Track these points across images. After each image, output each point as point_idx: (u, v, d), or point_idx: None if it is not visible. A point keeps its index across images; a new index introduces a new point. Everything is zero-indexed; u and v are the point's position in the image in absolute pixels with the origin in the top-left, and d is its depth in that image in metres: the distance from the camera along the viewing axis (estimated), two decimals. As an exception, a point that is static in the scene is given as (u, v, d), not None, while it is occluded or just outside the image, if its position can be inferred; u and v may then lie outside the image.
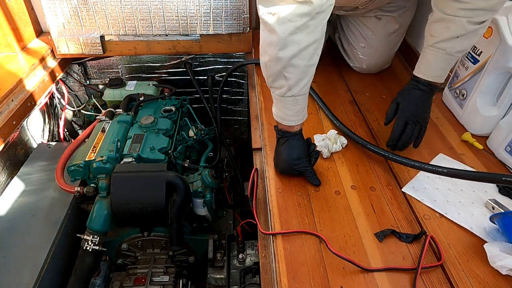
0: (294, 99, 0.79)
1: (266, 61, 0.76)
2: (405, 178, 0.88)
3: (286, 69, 0.74)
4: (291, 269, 0.68)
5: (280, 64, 0.73)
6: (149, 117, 1.29)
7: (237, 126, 1.87)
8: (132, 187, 1.04)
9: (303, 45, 0.71)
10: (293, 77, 0.75)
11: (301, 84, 0.77)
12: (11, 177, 1.28)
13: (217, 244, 1.27)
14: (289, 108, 0.81)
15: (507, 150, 0.90)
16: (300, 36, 0.70)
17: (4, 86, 1.23)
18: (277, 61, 0.73)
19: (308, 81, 0.78)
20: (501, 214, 0.71)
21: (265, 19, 0.71)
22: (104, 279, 1.19)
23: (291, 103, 0.80)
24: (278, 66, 0.74)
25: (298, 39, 0.70)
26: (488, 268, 0.67)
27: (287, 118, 0.83)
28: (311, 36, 0.71)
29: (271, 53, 0.73)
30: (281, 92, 0.79)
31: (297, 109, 0.81)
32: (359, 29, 1.25)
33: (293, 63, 0.73)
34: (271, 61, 0.75)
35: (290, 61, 0.73)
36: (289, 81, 0.76)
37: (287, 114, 0.82)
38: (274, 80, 0.78)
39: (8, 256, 1.02)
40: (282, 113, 0.83)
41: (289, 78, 0.75)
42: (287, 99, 0.79)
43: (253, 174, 0.93)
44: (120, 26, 1.42)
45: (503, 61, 0.89)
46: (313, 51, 0.74)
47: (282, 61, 0.73)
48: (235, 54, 1.61)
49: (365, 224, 0.76)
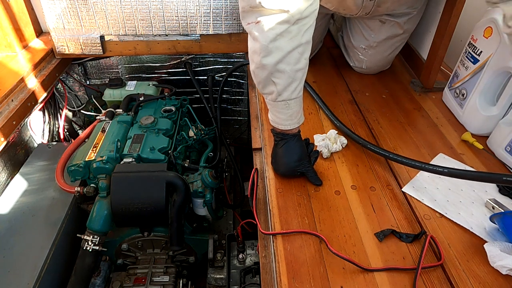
0: (286, 103, 0.80)
1: (253, 68, 0.78)
2: (405, 178, 0.88)
3: (273, 75, 0.76)
4: (291, 269, 0.68)
5: (266, 71, 0.75)
6: (149, 117, 1.29)
7: (237, 126, 1.87)
8: (132, 187, 1.04)
9: (286, 50, 0.73)
10: (281, 82, 0.76)
11: (290, 88, 0.78)
12: (11, 177, 1.28)
13: (217, 244, 1.27)
14: (282, 113, 0.82)
15: (507, 150, 0.90)
16: (282, 42, 0.72)
17: (4, 86, 1.23)
18: (262, 68, 0.75)
19: (297, 85, 0.78)
20: (501, 214, 0.71)
21: (248, 29, 0.74)
22: (104, 279, 1.19)
23: (283, 108, 0.81)
24: (265, 73, 0.76)
25: (281, 45, 0.72)
26: (488, 268, 0.67)
27: (281, 122, 0.83)
28: (294, 41, 0.73)
29: (256, 60, 0.75)
30: (272, 97, 0.80)
31: (290, 113, 0.82)
32: (362, 30, 1.25)
33: (279, 68, 0.74)
34: (258, 69, 0.77)
35: (276, 67, 0.74)
36: (278, 86, 0.77)
37: (281, 118, 0.83)
38: (264, 86, 0.79)
39: (8, 256, 1.02)
40: (276, 117, 0.83)
41: (278, 83, 0.77)
42: (279, 104, 0.80)
43: (253, 174, 0.93)
44: (120, 26, 1.42)
45: (503, 61, 0.89)
46: (298, 56, 0.75)
47: (267, 67, 0.74)
48: (235, 54, 1.61)
49: (365, 224, 0.76)
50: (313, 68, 1.36)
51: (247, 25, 0.74)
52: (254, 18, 0.72)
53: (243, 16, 0.75)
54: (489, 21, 0.93)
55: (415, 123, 1.06)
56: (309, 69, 1.33)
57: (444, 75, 1.28)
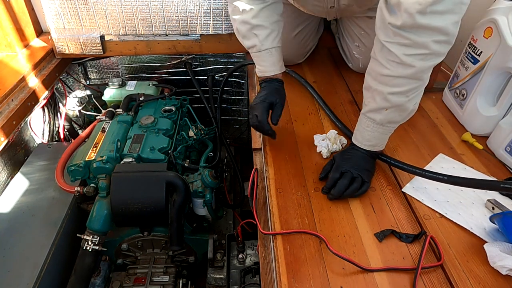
0: (268, 51, 0.96)
1: (236, 26, 0.96)
2: (405, 178, 0.88)
3: (254, 28, 0.93)
4: (291, 269, 0.68)
5: (247, 25, 0.94)
6: (149, 117, 1.29)
7: (237, 126, 1.87)
8: (132, 187, 1.04)
9: (258, 8, 0.92)
10: (262, 33, 0.94)
11: (271, 38, 0.95)
12: (11, 177, 1.28)
13: (217, 244, 1.27)
14: (266, 61, 0.97)
15: (507, 150, 0.90)
16: (251, 2, 0.91)
17: (4, 86, 1.23)
18: (243, 23, 0.94)
19: (276, 35, 0.96)
20: (501, 214, 0.71)
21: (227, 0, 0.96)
22: (104, 279, 1.19)
23: (267, 56, 0.97)
24: (246, 27, 0.94)
25: (252, 5, 0.91)
26: (488, 268, 0.67)
27: (266, 70, 0.99)
28: (263, 3, 0.92)
29: (237, 18, 0.94)
30: (257, 48, 0.96)
31: (273, 60, 0.97)
32: (353, 29, 1.26)
33: (255, 23, 0.92)
34: (240, 24, 0.95)
35: (252, 21, 0.92)
36: (259, 37, 0.94)
37: (266, 66, 0.98)
38: (248, 39, 0.96)
39: (8, 256, 1.02)
40: (262, 66, 0.99)
41: (259, 34, 0.94)
42: (263, 53, 0.97)
43: (253, 174, 0.93)
44: (120, 26, 1.42)
45: (503, 61, 0.89)
46: (268, 12, 0.93)
47: (247, 22, 0.93)
48: (235, 54, 1.61)
49: (365, 224, 0.76)
50: (313, 68, 1.36)
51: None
52: None
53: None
54: (489, 21, 0.93)
55: (415, 123, 1.06)
56: (309, 69, 1.35)
57: (444, 75, 1.28)
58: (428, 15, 0.63)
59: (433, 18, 0.63)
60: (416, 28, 0.65)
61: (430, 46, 0.67)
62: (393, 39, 0.70)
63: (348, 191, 0.80)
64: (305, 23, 1.27)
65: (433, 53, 0.68)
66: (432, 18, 0.64)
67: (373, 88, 0.78)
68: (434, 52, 0.68)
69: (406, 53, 0.69)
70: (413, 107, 0.77)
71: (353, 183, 0.80)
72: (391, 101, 0.75)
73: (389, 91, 0.74)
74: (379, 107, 0.78)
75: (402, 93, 0.74)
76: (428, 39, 0.66)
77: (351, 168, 0.82)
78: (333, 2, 1.07)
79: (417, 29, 0.66)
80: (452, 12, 0.64)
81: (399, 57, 0.69)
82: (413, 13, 0.63)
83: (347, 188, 0.80)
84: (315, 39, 1.40)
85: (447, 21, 0.64)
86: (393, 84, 0.73)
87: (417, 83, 0.73)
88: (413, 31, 0.66)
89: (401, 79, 0.72)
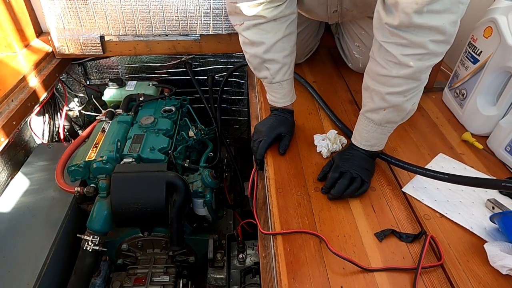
0: (279, 85, 0.96)
1: (247, 57, 0.95)
2: (405, 177, 0.88)
3: (266, 62, 0.92)
4: (291, 269, 0.68)
5: (258, 59, 0.92)
6: (149, 117, 1.29)
7: (237, 126, 1.87)
8: (132, 187, 1.04)
9: (270, 43, 0.89)
10: (273, 67, 0.92)
11: (282, 72, 0.94)
12: (11, 177, 1.28)
13: (217, 244, 1.27)
14: (277, 92, 0.98)
15: (507, 149, 0.90)
16: (262, 37, 0.88)
17: (4, 86, 1.23)
18: (255, 57, 0.92)
19: (288, 68, 0.94)
20: (501, 214, 0.71)
21: (235, 27, 0.92)
22: (104, 279, 1.19)
23: (278, 88, 0.97)
24: (257, 60, 0.92)
25: (263, 39, 0.88)
26: (488, 268, 0.67)
27: (277, 100, 1.00)
28: (275, 36, 0.89)
29: (248, 51, 0.93)
30: (268, 80, 0.96)
31: (284, 92, 0.98)
32: (354, 29, 1.26)
33: (267, 57, 0.90)
34: (251, 57, 0.93)
35: (264, 56, 0.90)
36: (270, 71, 0.93)
37: (277, 97, 0.99)
38: (259, 71, 0.96)
39: (8, 256, 1.02)
40: (273, 96, 1.00)
41: (270, 68, 0.93)
42: (274, 85, 0.97)
43: (253, 174, 0.93)
44: (120, 26, 1.42)
45: (503, 61, 0.89)
46: (282, 46, 0.90)
47: (258, 56, 0.91)
48: (235, 54, 1.61)
49: (365, 224, 0.76)
50: (313, 68, 1.36)
51: (234, 26, 0.92)
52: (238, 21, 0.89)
53: (230, 18, 0.92)
54: (489, 21, 0.93)
55: (415, 123, 1.06)
56: (309, 69, 1.35)
57: (444, 75, 1.28)
58: (425, 15, 0.63)
59: (430, 17, 0.63)
60: (413, 27, 0.65)
61: (428, 45, 0.67)
62: (390, 39, 0.70)
63: (348, 191, 0.80)
64: (306, 23, 1.27)
65: (431, 53, 0.68)
66: (429, 18, 0.63)
67: (371, 88, 0.78)
68: (431, 52, 0.68)
69: (404, 53, 0.69)
70: (411, 108, 0.77)
71: (353, 183, 0.81)
72: (389, 101, 0.75)
73: (387, 91, 0.74)
74: (377, 107, 0.78)
75: (400, 93, 0.74)
76: (425, 39, 0.66)
77: (350, 168, 0.82)
78: (336, 6, 1.07)
79: (414, 29, 0.65)
80: (450, 11, 0.63)
81: (397, 57, 0.69)
82: (410, 12, 0.63)
83: (347, 188, 0.80)
84: (316, 40, 1.40)
85: (444, 20, 0.64)
86: (391, 84, 0.73)
87: (415, 83, 0.73)
88: (410, 31, 0.66)
89: (398, 79, 0.72)
